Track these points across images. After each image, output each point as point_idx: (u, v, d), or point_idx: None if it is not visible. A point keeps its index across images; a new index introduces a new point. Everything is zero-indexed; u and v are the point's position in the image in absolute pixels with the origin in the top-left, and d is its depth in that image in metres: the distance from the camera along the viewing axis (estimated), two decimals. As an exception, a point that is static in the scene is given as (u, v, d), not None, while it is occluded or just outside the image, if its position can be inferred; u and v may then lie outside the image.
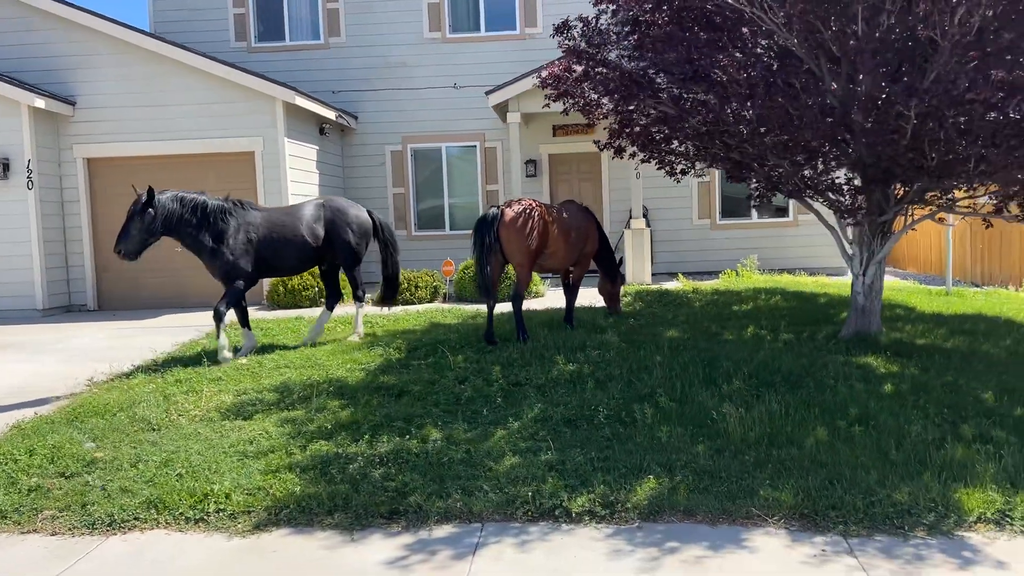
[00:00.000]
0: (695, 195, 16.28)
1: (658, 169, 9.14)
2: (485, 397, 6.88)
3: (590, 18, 8.04)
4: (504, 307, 10.07)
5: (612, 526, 4.83)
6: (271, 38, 16.57)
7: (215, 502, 5.08)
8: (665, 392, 6.69)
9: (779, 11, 6.95)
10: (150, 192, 8.16)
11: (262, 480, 5.35)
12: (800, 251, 16.17)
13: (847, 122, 6.74)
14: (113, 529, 4.91)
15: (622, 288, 10.49)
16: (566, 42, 8.27)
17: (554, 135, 16.38)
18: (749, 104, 6.90)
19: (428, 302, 12.43)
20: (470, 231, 16.13)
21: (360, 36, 16.41)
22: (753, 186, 8.75)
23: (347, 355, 8.39)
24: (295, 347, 9.03)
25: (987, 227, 8.66)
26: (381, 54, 16.40)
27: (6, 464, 5.66)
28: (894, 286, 13.82)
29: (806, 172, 7.78)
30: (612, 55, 8.25)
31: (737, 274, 14.17)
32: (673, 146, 8.64)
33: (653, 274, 14.54)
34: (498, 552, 4.54)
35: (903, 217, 8.27)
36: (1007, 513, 4.83)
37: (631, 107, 7.78)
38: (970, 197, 7.69)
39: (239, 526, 4.91)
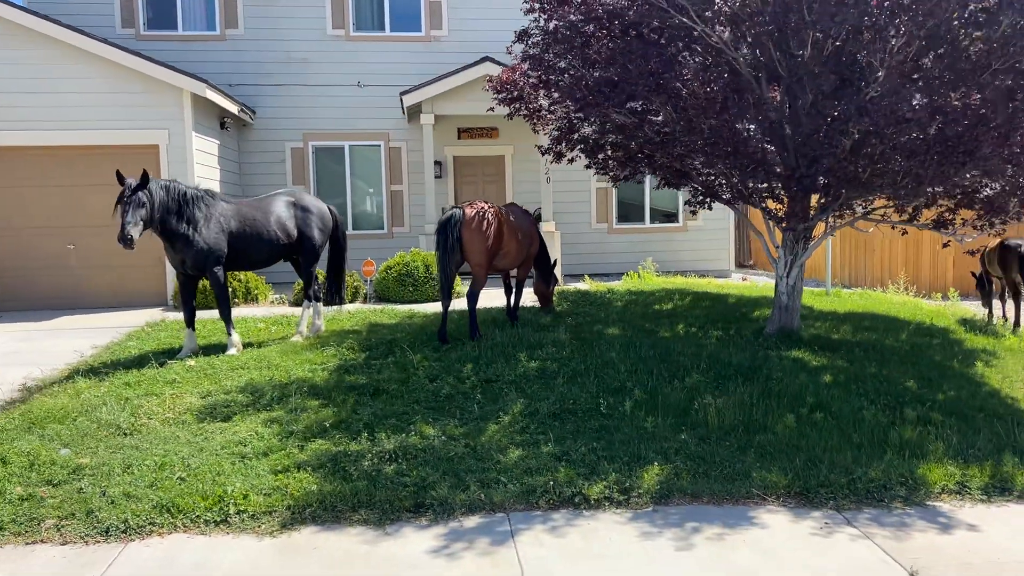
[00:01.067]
0: (593, 200, 16.92)
1: (597, 174, 9.56)
2: (463, 394, 7.02)
3: (550, 27, 8.28)
4: (435, 307, 10.19)
5: (629, 511, 5.14)
6: (162, 26, 15.78)
7: (234, 504, 4.98)
8: (637, 386, 7.07)
9: (724, 30, 7.54)
10: (144, 176, 7.85)
11: (274, 480, 5.28)
12: (689, 254, 17.15)
13: (787, 136, 7.37)
14: (129, 535, 4.72)
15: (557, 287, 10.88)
16: (530, 50, 8.48)
17: (459, 137, 16.55)
18: (704, 116, 7.41)
19: (350, 303, 12.30)
20: (374, 231, 16.43)
21: (259, 29, 15.93)
22: (690, 193, 9.32)
23: (299, 355, 8.26)
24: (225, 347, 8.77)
25: (903, 234, 9.59)
26: (282, 49, 16.00)
27: (-15, 473, 5.27)
28: (764, 288, 14.87)
29: (744, 181, 8.38)
30: (561, 63, 8.56)
31: (639, 276, 14.86)
32: (619, 154, 9.06)
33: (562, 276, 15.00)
34: (534, 537, 4.74)
35: (823, 224, 9.07)
36: (965, 484, 5.52)
37: (590, 115, 8.12)
38: (885, 207, 8.57)
39: (263, 527, 4.85)
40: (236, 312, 11.29)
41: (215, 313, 11.16)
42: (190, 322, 8.57)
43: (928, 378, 7.78)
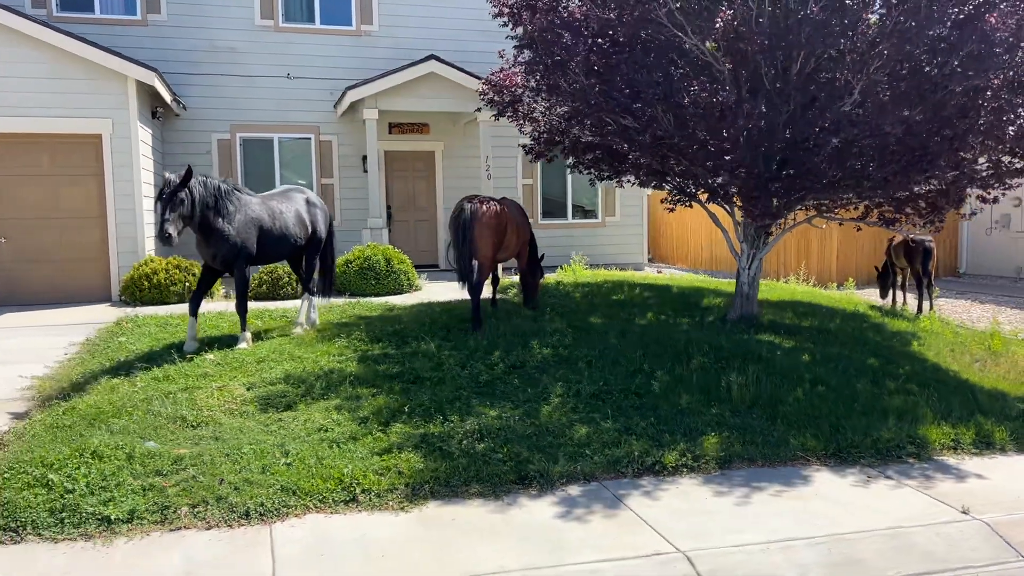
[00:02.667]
0: (520, 197, 17.54)
1: (584, 174, 10.20)
2: (499, 379, 7.47)
3: (556, 38, 8.78)
4: (404, 299, 10.48)
5: (701, 475, 5.82)
6: (77, 7, 15.01)
7: (357, 484, 5.26)
8: (656, 368, 7.76)
9: (715, 46, 8.37)
10: (188, 172, 7.72)
11: (380, 461, 5.58)
12: (608, 248, 18.12)
13: (771, 143, 8.30)
14: (267, 517, 4.92)
15: (501, 282, 11.41)
16: (543, 57, 8.95)
17: (390, 132, 16.72)
18: (699, 124, 8.20)
19: (294, 299, 12.33)
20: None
21: (184, 16, 15.46)
22: (670, 192, 10.12)
23: (314, 347, 8.41)
24: (228, 340, 8.76)
25: (857, 230, 10.76)
26: (208, 37, 15.61)
27: (91, 466, 5.25)
28: (692, 279, 16.09)
29: (720, 180, 9.25)
30: (569, 67, 9.08)
31: (572, 269, 15.62)
32: (602, 155, 9.73)
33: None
34: (639, 500, 5.32)
35: (782, 221, 10.12)
36: (958, 441, 6.57)
37: (592, 120, 8.73)
38: (842, 207, 9.69)
39: (391, 503, 5.17)
40: (202, 308, 11.15)
41: (162, 309, 11.00)
42: (194, 312, 8.51)
43: (883, 356, 8.95)
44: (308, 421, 6.30)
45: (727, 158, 8.43)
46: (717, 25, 7.97)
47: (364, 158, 16.50)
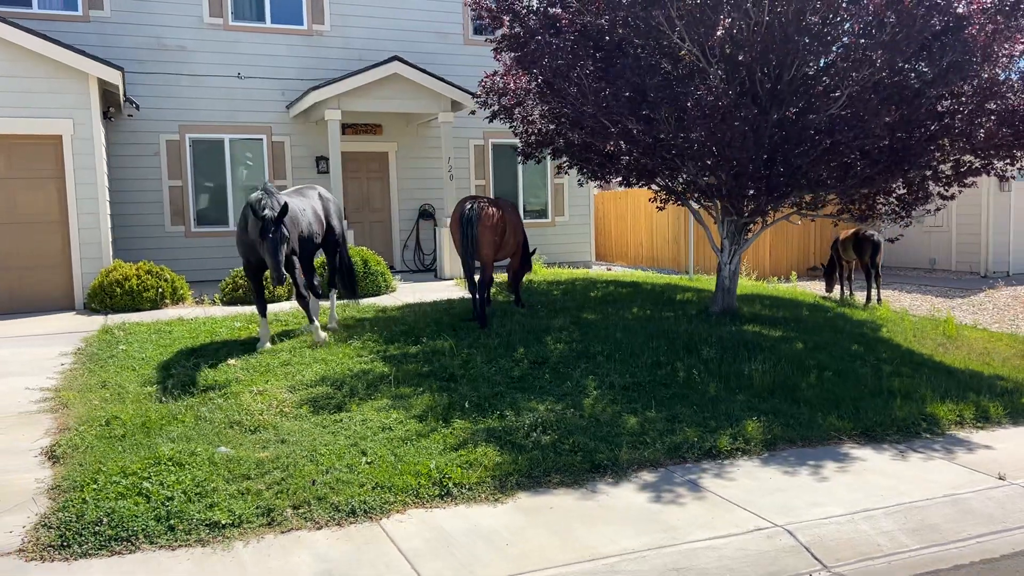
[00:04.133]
0: (473, 196, 17.70)
1: (579, 175, 10.49)
2: (530, 375, 7.67)
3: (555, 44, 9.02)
4: (385, 301, 10.52)
5: (755, 457, 6.19)
6: (14, 2, 14.25)
7: (448, 479, 5.37)
8: (672, 360, 8.12)
9: (704, 48, 8.82)
10: (285, 207, 7.72)
11: (458, 457, 5.70)
12: (558, 247, 18.48)
13: (769, 143, 8.82)
14: (371, 514, 4.98)
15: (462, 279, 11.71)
16: (544, 62, 9.15)
17: (343, 133, 16.54)
18: (702, 125, 8.63)
19: (287, 300, 12.18)
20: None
21: (128, 12, 14.91)
22: (658, 191, 10.52)
23: (331, 350, 8.40)
24: (244, 345, 8.64)
25: (835, 225, 11.42)
26: (155, 35, 15.10)
27: (178, 474, 5.17)
28: (649, 276, 16.63)
29: (711, 179, 9.71)
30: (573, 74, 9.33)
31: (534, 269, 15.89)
32: (591, 156, 10.05)
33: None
34: (712, 482, 5.64)
35: (759, 220, 10.68)
36: (963, 417, 7.18)
37: (588, 124, 9.04)
38: (822, 204, 10.31)
39: (484, 496, 5.31)
40: (176, 313, 10.92)
41: (160, 315, 10.72)
42: (264, 313, 8.75)
43: (861, 343, 9.61)
44: (366, 421, 6.34)
45: (722, 158, 8.87)
46: (718, 33, 8.40)
47: (318, 159, 16.35)
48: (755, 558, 4.58)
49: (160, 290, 11.47)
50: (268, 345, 8.48)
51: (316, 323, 8.84)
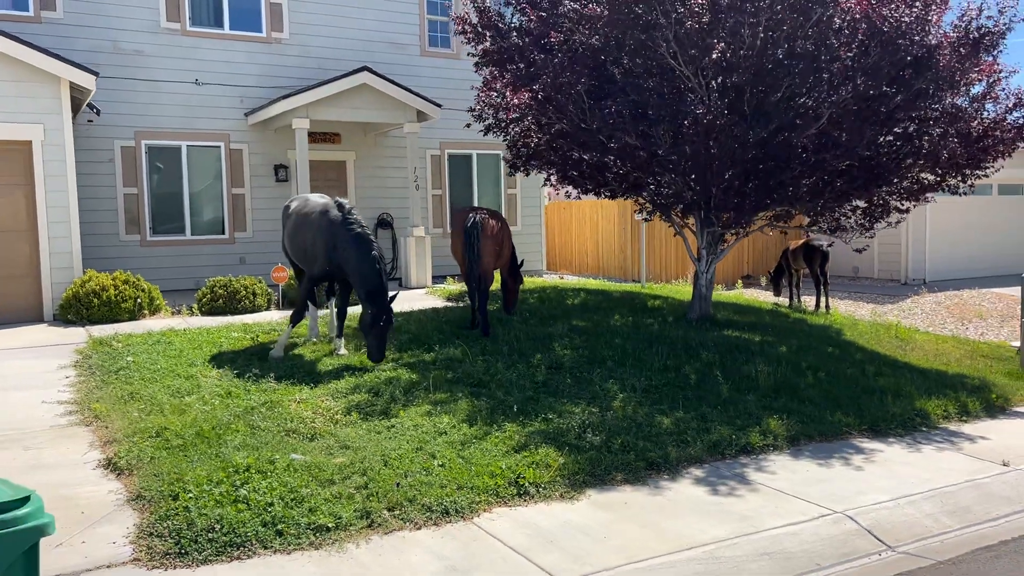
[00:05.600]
0: (430, 207, 17.87)
1: (567, 187, 10.87)
2: (553, 380, 7.99)
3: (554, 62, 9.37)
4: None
5: (785, 452, 6.70)
6: (-43, 1, 13.68)
7: (523, 479, 5.64)
8: (679, 365, 8.59)
9: (698, 69, 9.39)
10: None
11: (522, 459, 5.97)
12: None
13: (755, 158, 9.45)
14: (466, 513, 5.19)
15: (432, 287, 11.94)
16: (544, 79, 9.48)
17: (303, 142, 16.47)
18: (695, 142, 9.17)
19: (266, 310, 12.11)
20: (214, 235, 15.74)
21: (83, 15, 14.46)
22: (640, 203, 11.01)
23: (345, 359, 8.51)
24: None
25: (805, 235, 12.14)
26: (110, 38, 14.69)
27: (268, 480, 5.25)
28: (609, 284, 17.19)
29: (699, 191, 10.26)
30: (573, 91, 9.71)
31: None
32: (584, 170, 10.46)
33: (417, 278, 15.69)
34: (755, 475, 6.10)
35: (736, 231, 11.31)
36: (948, 412, 7.90)
37: (584, 139, 9.47)
38: (798, 215, 11.01)
39: (556, 494, 5.60)
40: (161, 323, 10.75)
41: (149, 325, 10.52)
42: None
43: (834, 345, 10.34)
44: (418, 426, 6.53)
45: (711, 172, 9.44)
46: (714, 55, 8.95)
47: (276, 167, 16.23)
48: (829, 541, 5.04)
49: (138, 300, 11.22)
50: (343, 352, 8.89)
51: (342, 339, 8.96)
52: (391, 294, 8.30)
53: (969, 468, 6.34)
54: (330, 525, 4.87)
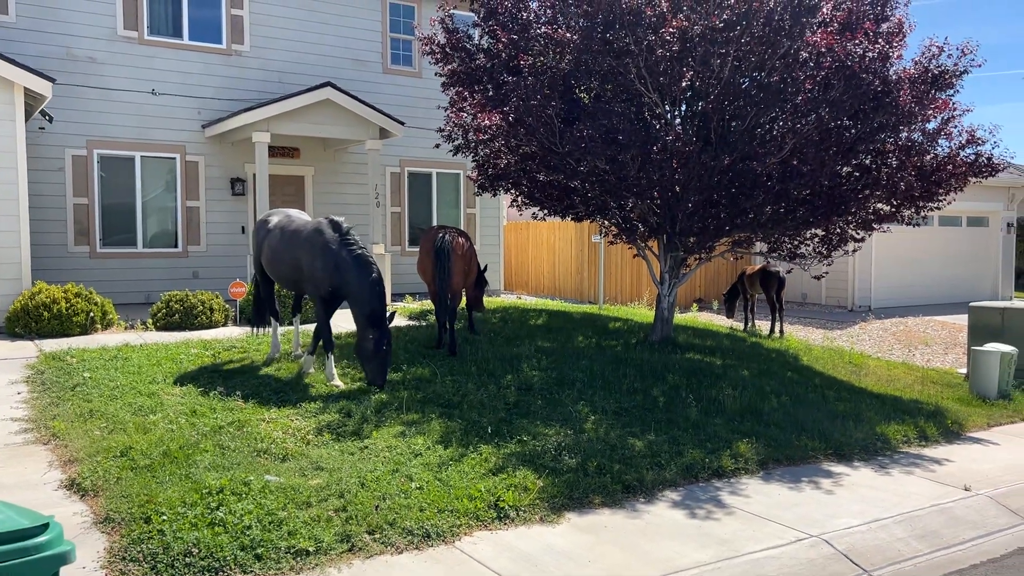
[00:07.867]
0: (388, 224, 17.75)
1: (533, 207, 10.91)
2: (524, 402, 7.97)
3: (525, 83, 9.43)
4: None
5: (754, 475, 6.78)
6: (-96, 0, 13.19)
7: (503, 502, 5.59)
8: (648, 388, 8.65)
9: (665, 98, 9.56)
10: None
11: (500, 481, 5.92)
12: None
13: (718, 185, 9.63)
14: (447, 537, 5.13)
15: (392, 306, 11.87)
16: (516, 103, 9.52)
17: (261, 156, 16.24)
18: (669, 166, 9.30)
19: (223, 326, 11.85)
20: (167, 248, 15.38)
21: (36, 19, 14.08)
22: (606, 226, 11.10)
23: (319, 376, 8.37)
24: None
25: (765, 261, 12.37)
26: (64, 44, 14.31)
27: (243, 503, 5.11)
28: (567, 306, 17.25)
29: (662, 216, 10.41)
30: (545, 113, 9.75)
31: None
32: (551, 192, 10.53)
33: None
34: (729, 498, 6.16)
35: (697, 256, 11.48)
36: (908, 436, 8.10)
37: (553, 162, 9.54)
38: (759, 241, 11.23)
39: (536, 516, 5.58)
40: (116, 338, 10.46)
41: (102, 339, 10.24)
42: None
43: (793, 369, 10.54)
44: (392, 448, 6.44)
45: (675, 197, 9.59)
46: (683, 84, 9.12)
47: (233, 181, 15.96)
48: (808, 565, 5.10)
49: (91, 314, 10.88)
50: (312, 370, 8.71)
51: (313, 356, 8.80)
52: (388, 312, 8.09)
53: (933, 493, 6.50)
54: (310, 549, 4.76)
